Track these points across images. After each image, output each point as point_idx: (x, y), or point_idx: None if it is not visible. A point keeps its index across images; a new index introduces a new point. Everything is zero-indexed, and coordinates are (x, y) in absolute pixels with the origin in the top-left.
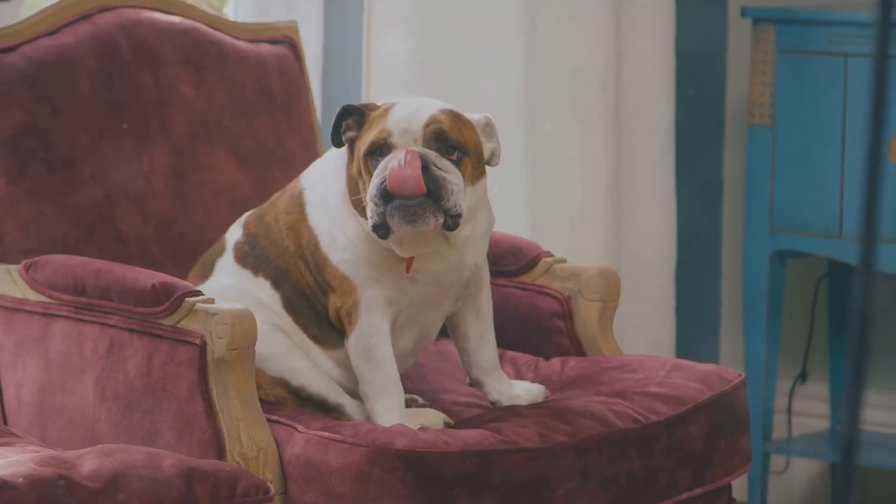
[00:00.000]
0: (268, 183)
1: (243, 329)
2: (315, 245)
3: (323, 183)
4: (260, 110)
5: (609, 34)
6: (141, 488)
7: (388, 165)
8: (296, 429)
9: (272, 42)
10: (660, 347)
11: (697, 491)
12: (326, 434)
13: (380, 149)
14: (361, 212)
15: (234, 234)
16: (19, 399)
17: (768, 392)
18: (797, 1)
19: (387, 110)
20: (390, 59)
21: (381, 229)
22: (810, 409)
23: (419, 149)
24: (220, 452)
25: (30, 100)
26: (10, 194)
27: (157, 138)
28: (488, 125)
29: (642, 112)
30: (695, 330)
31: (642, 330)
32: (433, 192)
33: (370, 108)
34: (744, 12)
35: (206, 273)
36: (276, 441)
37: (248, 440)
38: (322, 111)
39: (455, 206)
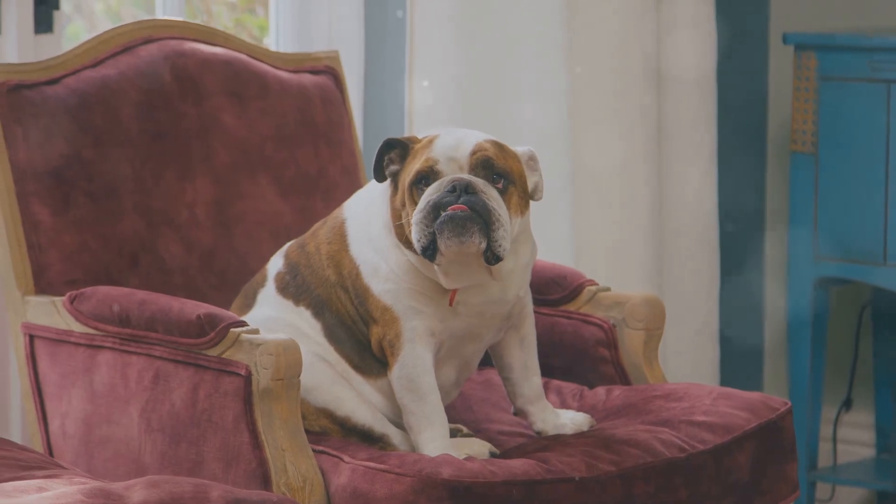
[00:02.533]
0: (310, 212)
1: (288, 359)
2: (357, 275)
3: (365, 214)
4: (302, 140)
5: (651, 61)
6: None
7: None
8: (342, 459)
9: (314, 72)
10: (703, 375)
11: None
12: (373, 464)
13: (425, 178)
14: (406, 243)
15: (275, 264)
16: (65, 431)
17: (813, 420)
18: (839, 27)
19: (430, 141)
20: (432, 88)
21: (430, 250)
22: (855, 437)
23: (466, 176)
24: (265, 483)
25: (73, 131)
26: (53, 225)
27: (199, 168)
28: (532, 159)
29: (684, 139)
30: (739, 357)
31: (686, 357)
32: (483, 216)
33: (413, 140)
34: (785, 39)
35: (249, 304)
36: (322, 471)
37: (294, 470)
38: (363, 140)
39: (501, 239)
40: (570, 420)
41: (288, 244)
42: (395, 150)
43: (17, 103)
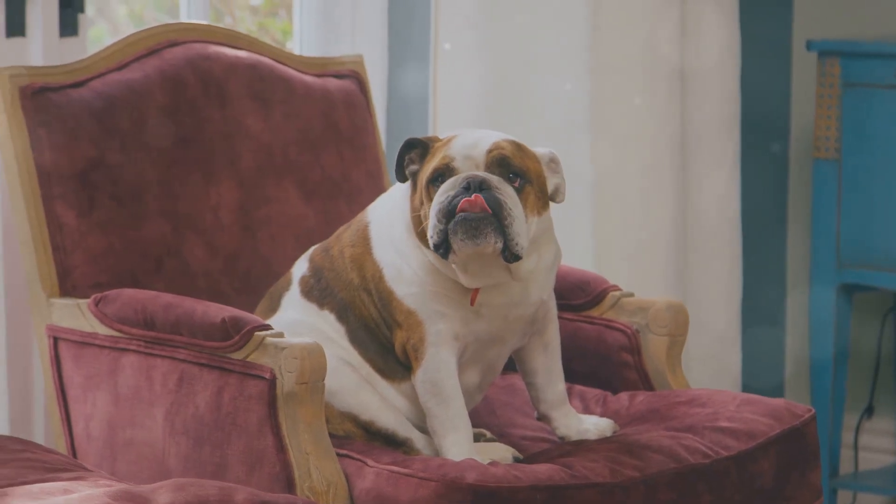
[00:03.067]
0: (333, 216)
1: (313, 363)
2: (380, 278)
3: (388, 216)
4: (326, 144)
5: (674, 68)
6: None
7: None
8: (366, 463)
9: (338, 76)
10: (725, 381)
11: None
12: (396, 468)
13: (442, 175)
14: (425, 242)
15: (300, 267)
16: (89, 433)
17: (835, 427)
18: (862, 34)
19: (449, 140)
20: (457, 91)
21: (442, 247)
22: (877, 444)
23: (482, 173)
24: (289, 487)
25: (99, 134)
26: (79, 228)
27: (224, 172)
28: (553, 160)
29: (707, 145)
30: (760, 364)
31: (707, 363)
32: (496, 213)
33: (433, 140)
34: (809, 46)
35: (274, 307)
36: (346, 475)
37: (318, 474)
38: (386, 144)
39: (517, 236)
40: (594, 425)
41: (312, 248)
42: (416, 150)
43: (43, 106)
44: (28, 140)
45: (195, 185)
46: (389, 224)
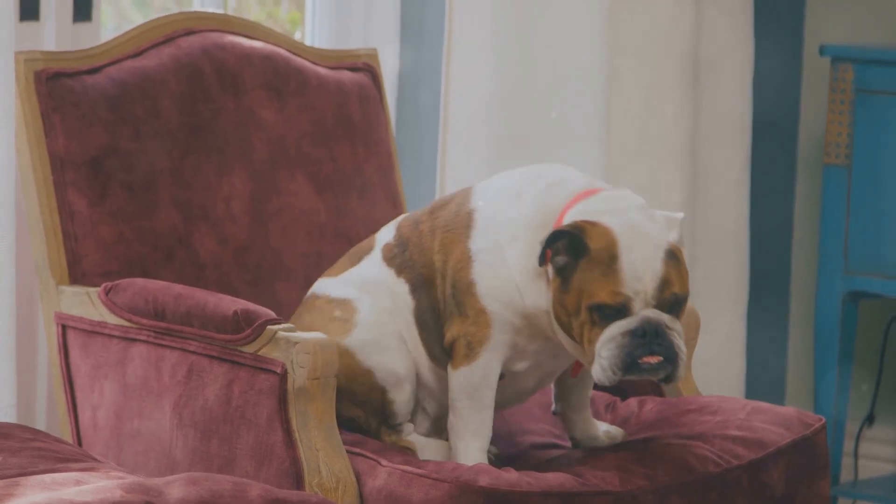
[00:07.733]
0: (345, 210)
1: (325, 358)
2: (462, 267)
3: (506, 226)
4: (339, 137)
5: (686, 70)
6: None
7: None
8: (379, 462)
9: (352, 69)
10: (729, 387)
11: None
12: (409, 469)
13: (614, 312)
14: (564, 329)
15: (385, 234)
16: (95, 423)
17: (837, 434)
18: (875, 40)
19: (611, 253)
20: (469, 85)
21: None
22: (877, 453)
23: (653, 313)
24: (298, 482)
25: (112, 121)
26: (90, 216)
27: (236, 163)
28: (681, 234)
29: (717, 148)
30: (763, 370)
31: (711, 368)
32: (671, 361)
33: (585, 232)
34: (822, 51)
35: (354, 263)
36: (357, 473)
37: (328, 471)
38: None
39: (681, 374)
40: (605, 433)
41: (402, 217)
42: (561, 241)
43: (57, 91)
44: (41, 125)
45: (207, 176)
46: (505, 233)
